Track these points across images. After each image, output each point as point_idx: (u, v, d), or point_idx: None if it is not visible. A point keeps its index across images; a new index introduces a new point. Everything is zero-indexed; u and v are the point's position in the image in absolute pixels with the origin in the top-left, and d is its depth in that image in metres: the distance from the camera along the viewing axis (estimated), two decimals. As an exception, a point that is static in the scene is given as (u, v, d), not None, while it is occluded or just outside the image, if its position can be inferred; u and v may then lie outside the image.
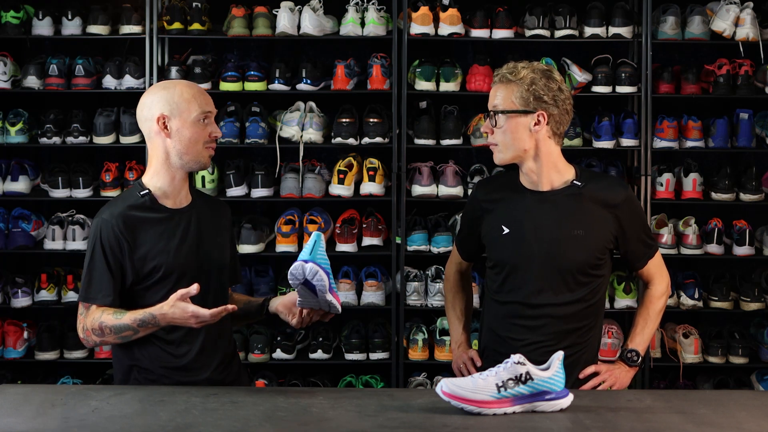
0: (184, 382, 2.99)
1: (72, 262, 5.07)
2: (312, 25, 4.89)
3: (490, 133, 3.06)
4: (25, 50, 5.15)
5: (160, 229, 3.00)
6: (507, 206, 3.12)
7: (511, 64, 3.08)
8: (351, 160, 5.00)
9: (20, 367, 5.04)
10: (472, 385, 2.57)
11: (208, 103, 3.04)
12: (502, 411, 2.57)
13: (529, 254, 3.05)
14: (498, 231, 3.11)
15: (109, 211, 3.00)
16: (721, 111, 5.08)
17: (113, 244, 2.96)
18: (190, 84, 3.09)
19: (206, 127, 3.01)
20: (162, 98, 3.00)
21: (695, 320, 5.19)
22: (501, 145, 3.05)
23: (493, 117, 3.04)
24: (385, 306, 4.94)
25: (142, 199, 3.01)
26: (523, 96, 3.01)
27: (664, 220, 5.02)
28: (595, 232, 3.05)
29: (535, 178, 3.09)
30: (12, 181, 4.93)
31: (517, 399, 2.58)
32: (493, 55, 5.08)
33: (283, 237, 4.87)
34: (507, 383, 2.56)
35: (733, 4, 4.88)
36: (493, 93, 3.07)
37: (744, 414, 2.62)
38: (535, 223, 3.06)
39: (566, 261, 3.03)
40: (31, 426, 2.52)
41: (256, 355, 4.85)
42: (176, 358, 3.01)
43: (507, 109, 3.03)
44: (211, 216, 3.11)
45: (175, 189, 3.04)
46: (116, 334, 2.92)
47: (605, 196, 3.08)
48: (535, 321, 3.05)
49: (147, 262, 2.97)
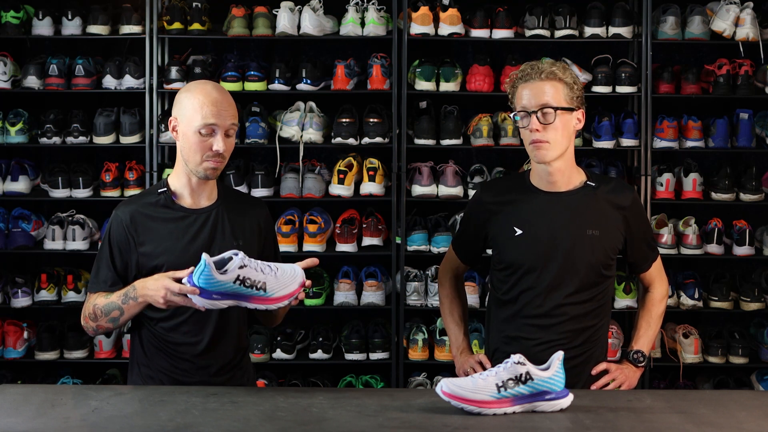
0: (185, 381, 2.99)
1: (72, 262, 5.07)
2: (312, 25, 4.89)
3: (541, 130, 3.00)
4: (25, 50, 5.15)
5: (170, 228, 3.00)
6: (518, 207, 3.10)
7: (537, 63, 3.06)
8: (351, 160, 5.00)
9: (20, 367, 5.04)
10: (472, 385, 2.58)
11: (217, 116, 2.93)
12: (502, 411, 2.57)
13: (544, 255, 3.04)
14: (510, 233, 3.09)
15: (124, 206, 3.04)
16: (721, 111, 5.08)
17: (121, 239, 2.99)
18: (209, 91, 2.96)
19: (208, 140, 2.94)
20: (180, 100, 2.99)
21: (695, 320, 5.19)
22: (552, 143, 3.01)
23: (545, 114, 3.01)
24: (385, 306, 4.94)
25: (158, 197, 3.03)
26: (569, 94, 3.03)
27: (664, 220, 5.02)
28: (608, 233, 3.07)
29: (557, 178, 3.08)
30: (12, 181, 4.93)
31: (517, 399, 2.58)
32: (493, 55, 5.09)
33: (283, 237, 4.87)
34: (507, 383, 2.57)
35: (733, 4, 4.88)
36: (537, 90, 3.01)
37: (744, 414, 2.62)
38: (550, 224, 3.06)
39: (582, 261, 3.03)
40: (31, 426, 2.52)
41: (256, 355, 4.85)
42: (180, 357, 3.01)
43: (560, 105, 3.01)
44: (236, 217, 3.06)
45: (192, 190, 3.02)
46: (106, 315, 2.94)
47: (616, 198, 3.09)
48: (549, 320, 3.05)
49: (151, 260, 2.97)
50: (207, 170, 2.97)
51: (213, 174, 2.98)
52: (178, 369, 3.01)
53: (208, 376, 3.02)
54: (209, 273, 2.72)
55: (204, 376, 3.01)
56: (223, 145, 2.94)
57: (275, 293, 2.79)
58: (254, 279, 2.76)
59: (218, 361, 3.04)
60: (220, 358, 3.05)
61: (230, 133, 2.98)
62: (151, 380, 3.02)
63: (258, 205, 3.17)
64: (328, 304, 4.98)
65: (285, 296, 2.81)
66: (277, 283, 2.80)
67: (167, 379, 3.01)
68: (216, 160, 2.96)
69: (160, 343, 3.01)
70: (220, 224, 3.03)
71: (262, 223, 3.13)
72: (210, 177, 2.99)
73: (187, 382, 2.99)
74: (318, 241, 4.89)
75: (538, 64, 3.05)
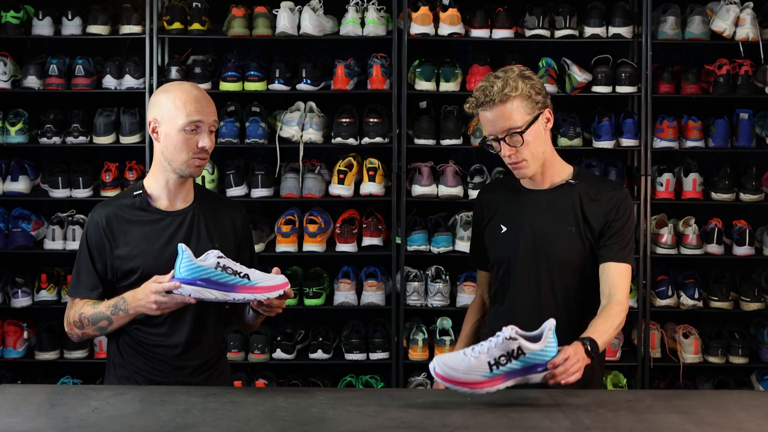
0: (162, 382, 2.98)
1: (72, 262, 5.00)
2: (312, 25, 4.89)
3: (513, 153, 2.99)
4: (25, 50, 5.15)
5: (146, 231, 2.99)
6: (506, 207, 3.14)
7: (488, 86, 2.99)
8: (351, 160, 5.00)
9: (20, 367, 5.04)
10: (465, 366, 2.57)
11: (200, 113, 2.93)
12: (495, 389, 2.58)
13: (522, 250, 3.06)
14: (497, 231, 3.13)
15: (100, 209, 3.03)
16: (721, 111, 5.08)
17: (97, 241, 2.99)
18: (190, 90, 2.98)
19: (194, 137, 2.93)
20: (158, 101, 2.98)
21: (695, 320, 5.19)
22: (529, 159, 3.01)
23: (512, 137, 2.98)
24: (385, 306, 4.94)
25: (134, 199, 3.02)
26: (528, 105, 2.99)
27: (664, 220, 5.02)
28: (584, 230, 3.06)
29: (538, 177, 3.09)
30: (12, 181, 4.93)
31: (510, 375, 2.58)
32: (493, 55, 5.09)
33: (283, 237, 4.88)
34: (499, 360, 2.56)
35: (733, 4, 4.88)
36: (496, 116, 2.98)
37: (744, 414, 2.62)
38: (531, 221, 3.08)
39: (563, 257, 3.04)
40: (31, 426, 2.52)
41: (256, 355, 4.85)
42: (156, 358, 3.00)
43: (525, 123, 2.98)
44: (212, 219, 3.06)
45: (170, 192, 3.02)
46: (93, 324, 2.94)
47: (598, 195, 3.07)
48: (536, 316, 3.04)
49: (126, 262, 2.97)
50: (193, 168, 2.96)
51: (198, 172, 2.98)
52: (154, 370, 3.01)
53: (185, 376, 3.01)
54: (189, 259, 2.73)
55: (180, 377, 3.01)
56: (208, 141, 2.95)
57: (260, 283, 2.79)
58: (235, 268, 2.77)
59: (194, 362, 3.03)
60: (197, 359, 3.03)
61: (212, 130, 2.99)
62: (127, 381, 3.01)
63: (234, 208, 3.16)
64: (328, 304, 4.98)
65: (272, 287, 2.80)
66: (261, 275, 2.81)
67: (143, 380, 3.00)
68: (202, 157, 2.96)
69: (136, 344, 3.01)
70: (195, 227, 3.02)
71: (239, 225, 3.12)
72: (195, 175, 2.99)
73: (164, 382, 2.98)
74: (318, 241, 4.89)
75: (489, 87, 2.99)
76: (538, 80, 3.04)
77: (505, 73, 3.02)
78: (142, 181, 3.06)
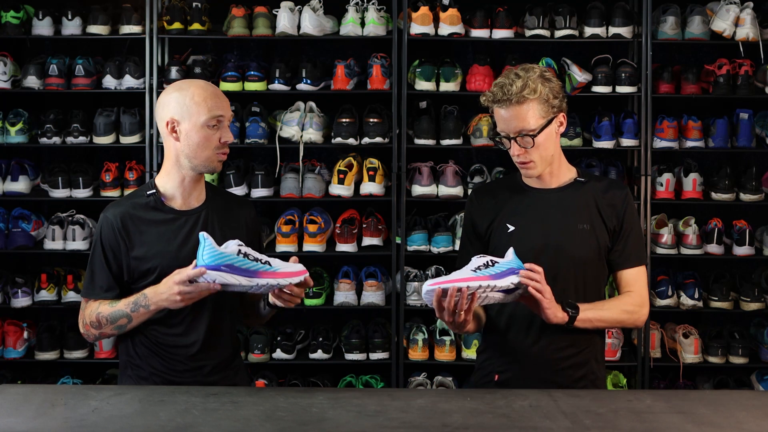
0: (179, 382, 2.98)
1: (72, 262, 5.07)
2: (312, 25, 4.89)
3: (523, 154, 3.00)
4: (25, 50, 5.15)
5: (161, 230, 2.99)
6: (511, 206, 3.12)
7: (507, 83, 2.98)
8: (351, 160, 5.00)
9: (20, 367, 5.04)
10: (453, 276, 2.81)
11: (220, 107, 2.96)
12: (477, 284, 2.78)
13: (535, 248, 3.04)
14: (503, 231, 3.10)
15: (113, 209, 3.02)
16: (721, 111, 5.08)
17: (112, 242, 2.97)
18: (205, 85, 2.99)
19: (216, 132, 2.95)
20: (174, 99, 2.97)
21: (695, 320, 5.20)
22: (538, 161, 3.02)
23: (524, 139, 2.98)
24: (385, 306, 4.94)
25: (147, 198, 3.01)
26: (544, 108, 2.99)
27: (664, 220, 5.02)
28: (599, 228, 3.06)
29: (546, 177, 3.09)
30: (12, 181, 4.93)
31: (492, 276, 2.82)
32: (493, 55, 5.09)
33: (283, 237, 4.87)
34: (479, 268, 2.82)
35: (733, 4, 4.88)
36: (511, 116, 2.97)
37: (744, 414, 2.62)
38: (541, 219, 3.07)
39: (573, 255, 3.03)
40: (31, 426, 2.52)
41: (256, 355, 4.85)
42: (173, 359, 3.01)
43: (539, 126, 2.99)
44: (224, 216, 3.07)
45: (185, 191, 3.02)
46: (112, 323, 2.94)
47: (606, 194, 3.09)
48: None
49: (143, 263, 2.96)
50: (216, 163, 2.99)
51: (220, 167, 3.02)
52: (171, 370, 3.00)
53: (202, 376, 3.01)
54: (212, 246, 2.77)
55: (198, 377, 3.01)
56: (229, 134, 2.98)
57: (282, 269, 2.83)
58: (256, 255, 2.82)
59: (212, 362, 3.03)
60: (214, 359, 3.04)
61: (228, 124, 3.02)
62: (144, 382, 3.01)
63: (245, 205, 3.18)
64: (328, 304, 4.98)
65: (294, 273, 2.84)
66: (281, 263, 2.85)
67: (160, 380, 3.00)
68: (224, 152, 2.99)
69: (153, 344, 3.00)
70: (209, 225, 3.02)
71: (249, 222, 3.14)
72: (217, 170, 3.02)
73: (181, 382, 2.98)
74: (318, 241, 4.89)
75: (509, 86, 2.98)
76: (557, 83, 3.04)
77: (526, 72, 3.00)
78: (153, 180, 3.05)
